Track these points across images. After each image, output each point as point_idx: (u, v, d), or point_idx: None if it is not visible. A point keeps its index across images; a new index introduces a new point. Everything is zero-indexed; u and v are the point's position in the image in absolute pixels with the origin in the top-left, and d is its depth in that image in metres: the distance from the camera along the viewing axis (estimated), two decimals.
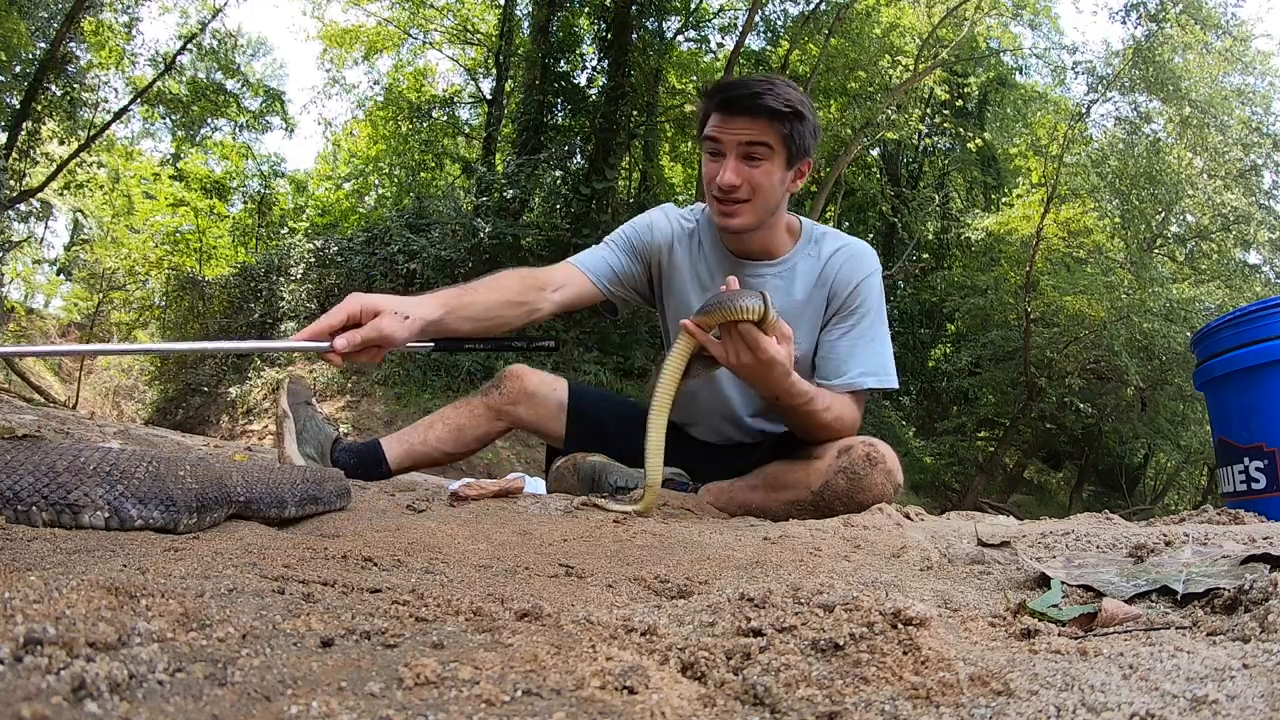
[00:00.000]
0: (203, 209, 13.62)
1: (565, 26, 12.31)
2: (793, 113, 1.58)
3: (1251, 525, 1.34)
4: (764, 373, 1.44)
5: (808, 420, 1.63)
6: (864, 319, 1.75)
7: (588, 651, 0.49)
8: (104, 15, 11.94)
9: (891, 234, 15.35)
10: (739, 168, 1.60)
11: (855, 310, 1.75)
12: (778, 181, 1.64)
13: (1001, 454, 12.19)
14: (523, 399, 1.92)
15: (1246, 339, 2.27)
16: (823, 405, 1.62)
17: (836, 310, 1.77)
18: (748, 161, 1.61)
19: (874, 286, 1.78)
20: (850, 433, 1.71)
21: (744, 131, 1.59)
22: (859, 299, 1.75)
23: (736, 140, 1.60)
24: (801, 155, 1.64)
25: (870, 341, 1.75)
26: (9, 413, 2.30)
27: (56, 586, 0.50)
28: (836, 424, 1.67)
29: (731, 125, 1.60)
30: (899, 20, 13.16)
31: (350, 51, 15.69)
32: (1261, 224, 10.75)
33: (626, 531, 1.21)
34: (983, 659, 0.52)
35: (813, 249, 1.81)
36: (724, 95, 1.61)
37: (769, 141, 1.59)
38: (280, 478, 1.09)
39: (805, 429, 1.68)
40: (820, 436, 1.69)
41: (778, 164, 1.62)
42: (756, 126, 1.58)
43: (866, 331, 1.75)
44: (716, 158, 1.64)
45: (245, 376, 9.86)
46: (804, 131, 1.61)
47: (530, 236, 10.54)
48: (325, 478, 1.21)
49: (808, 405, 1.58)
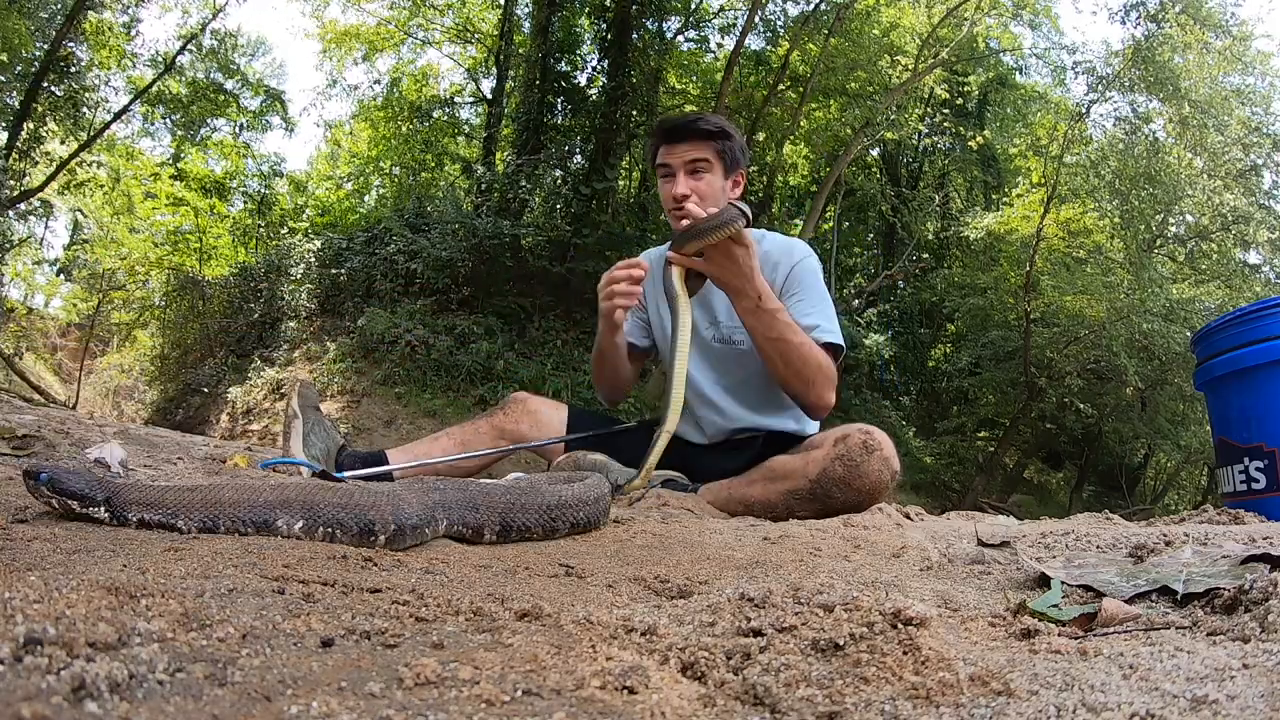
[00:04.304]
0: (203, 209, 13.62)
1: (565, 26, 12.30)
2: (721, 131, 1.95)
3: (1251, 525, 1.34)
4: (743, 276, 1.70)
5: (782, 335, 1.76)
6: (808, 293, 1.97)
7: (588, 651, 0.49)
8: (104, 15, 11.93)
9: (891, 234, 15.34)
10: (687, 181, 1.93)
11: (797, 288, 1.98)
12: (719, 189, 1.96)
13: (1001, 454, 12.18)
14: (525, 418, 2.06)
15: (1246, 339, 2.27)
16: (794, 324, 1.80)
17: (781, 292, 1.97)
18: (693, 176, 1.94)
19: (809, 269, 2.01)
20: (827, 375, 1.83)
21: (687, 152, 1.94)
22: (797, 278, 1.99)
23: (682, 160, 1.94)
24: (735, 166, 1.99)
25: (818, 311, 1.94)
26: (9, 413, 2.30)
27: (56, 586, 0.50)
28: (810, 351, 1.80)
29: (676, 149, 1.95)
30: (899, 20, 13.15)
31: (351, 52, 15.68)
32: (1261, 224, 10.74)
33: (626, 531, 1.21)
34: (983, 659, 0.52)
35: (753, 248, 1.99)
36: (667, 126, 2.00)
37: (707, 157, 1.94)
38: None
39: (784, 354, 1.78)
40: (798, 365, 1.78)
41: (717, 174, 1.96)
42: (696, 147, 1.94)
43: (815, 303, 1.96)
44: (669, 179, 1.97)
45: (245, 377, 9.85)
46: (734, 147, 1.97)
47: (530, 236, 10.54)
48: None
49: (783, 316, 1.78)
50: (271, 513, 0.93)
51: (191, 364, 11.33)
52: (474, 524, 1.07)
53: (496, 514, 1.08)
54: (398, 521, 0.97)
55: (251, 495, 0.95)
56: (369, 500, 0.97)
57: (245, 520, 0.93)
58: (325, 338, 9.86)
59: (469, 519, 1.07)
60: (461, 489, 1.09)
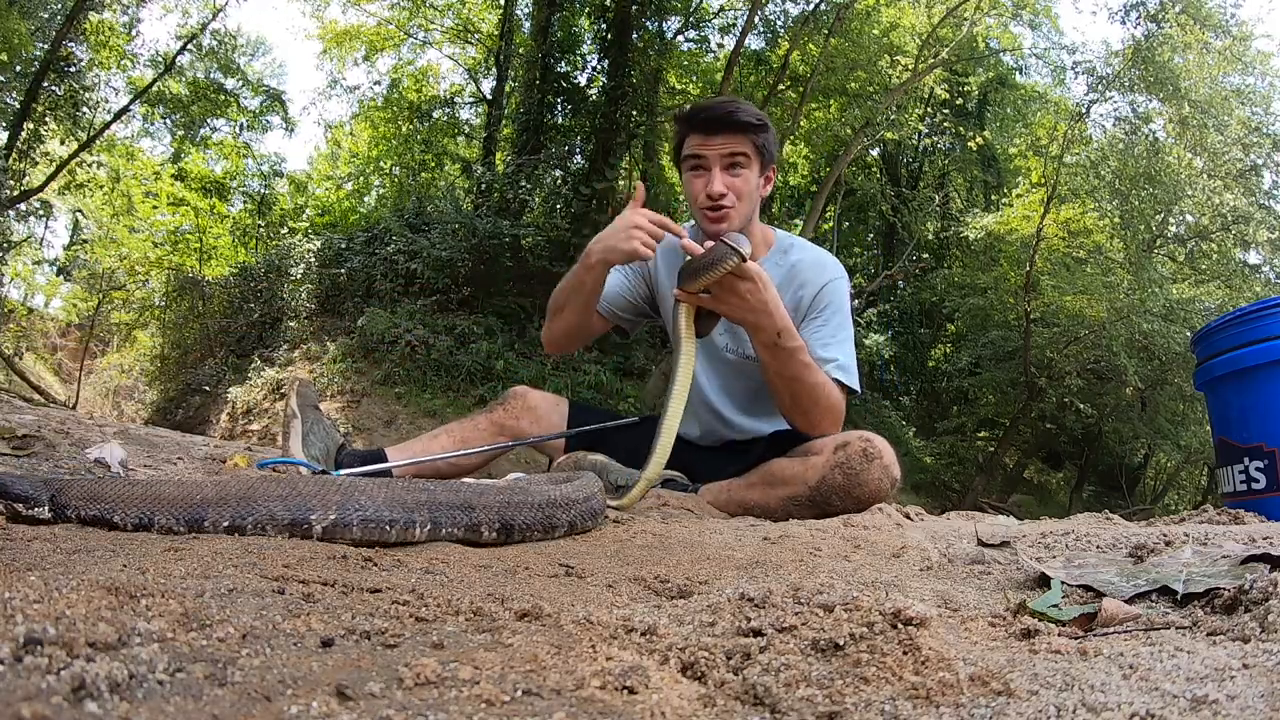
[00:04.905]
0: (203, 209, 13.62)
1: (565, 26, 12.30)
2: (761, 124, 1.78)
3: (1251, 525, 1.34)
4: (758, 312, 1.58)
5: (798, 375, 1.69)
6: (832, 318, 1.86)
7: (588, 651, 0.49)
8: (104, 15, 11.93)
9: (891, 234, 15.34)
10: (723, 178, 1.77)
11: (823, 311, 1.86)
12: (755, 187, 1.82)
13: (1001, 454, 12.18)
14: (525, 414, 2.01)
15: (1246, 339, 2.27)
16: (812, 364, 1.71)
17: (805, 313, 1.87)
18: (730, 171, 1.78)
19: (838, 290, 1.89)
20: (834, 417, 1.77)
21: (724, 145, 1.76)
22: (824, 300, 1.87)
23: (719, 154, 1.77)
24: (769, 162, 1.84)
25: (839, 341, 1.84)
26: (9, 413, 2.30)
27: (56, 586, 0.50)
28: (823, 391, 1.73)
29: (712, 141, 1.77)
30: (899, 20, 13.14)
31: (351, 53, 15.68)
32: (1261, 224, 10.74)
33: (626, 531, 1.21)
34: (983, 659, 0.52)
35: (781, 258, 1.94)
36: (703, 116, 1.79)
37: (746, 151, 1.77)
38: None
39: (794, 393, 1.72)
40: (807, 405, 1.73)
41: (754, 170, 1.81)
42: (734, 139, 1.76)
43: (836, 332, 1.85)
44: (700, 172, 1.80)
45: (245, 377, 9.85)
46: (770, 140, 1.81)
47: (530, 236, 10.53)
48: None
49: (802, 356, 1.68)
50: (205, 510, 0.92)
51: (191, 364, 11.32)
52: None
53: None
54: (338, 516, 0.94)
55: (190, 491, 0.94)
56: (310, 491, 0.95)
57: (179, 518, 0.92)
58: (325, 338, 9.86)
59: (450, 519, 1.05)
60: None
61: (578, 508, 1.17)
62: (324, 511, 0.94)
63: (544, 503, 1.12)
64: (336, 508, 0.95)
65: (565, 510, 1.14)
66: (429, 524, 1.01)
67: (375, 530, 0.96)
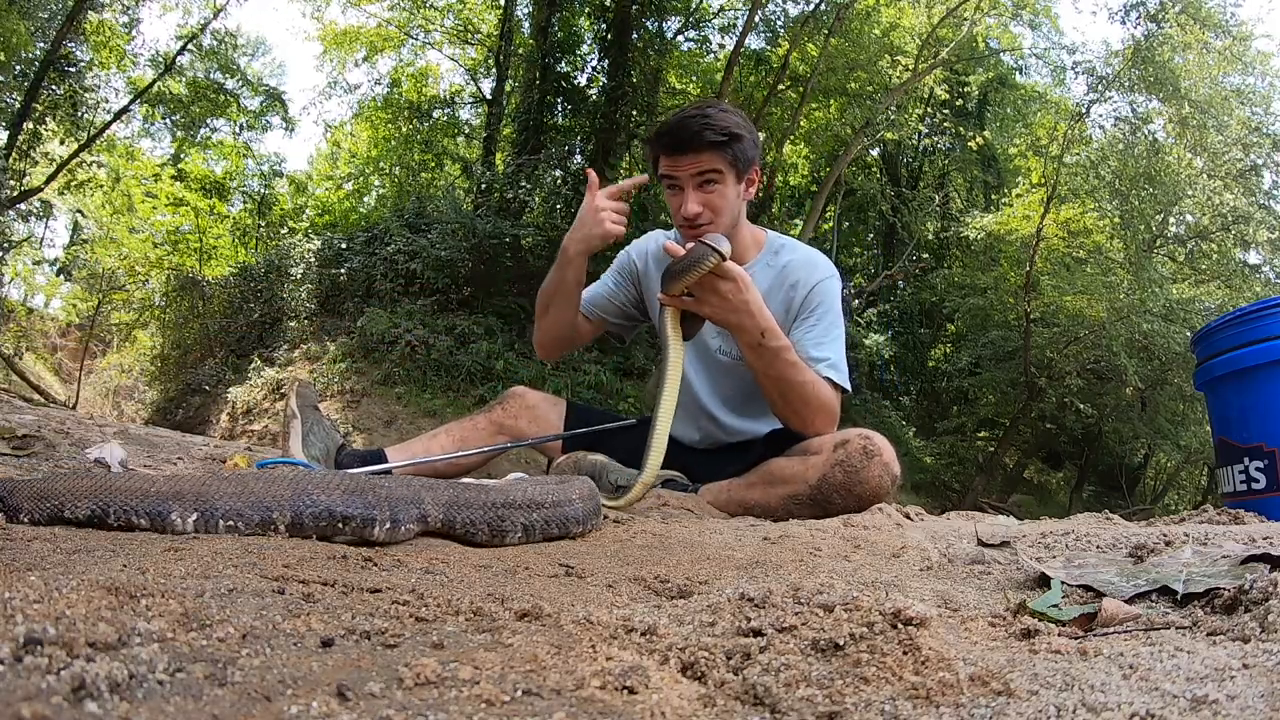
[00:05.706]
0: (203, 209, 13.62)
1: (565, 26, 12.30)
2: (730, 137, 1.73)
3: (1251, 525, 1.34)
4: (740, 312, 1.59)
5: (784, 374, 1.69)
6: (824, 318, 1.85)
7: (588, 651, 0.49)
8: (104, 15, 11.93)
9: (891, 234, 15.34)
10: (697, 196, 1.75)
11: (814, 310, 1.86)
12: (733, 198, 1.79)
13: (1001, 454, 12.18)
14: (524, 413, 2.01)
15: (1246, 339, 2.27)
16: (800, 363, 1.71)
17: (797, 313, 1.87)
18: (703, 189, 1.76)
19: (829, 290, 1.88)
20: (828, 416, 1.77)
21: (694, 165, 1.74)
22: (816, 300, 1.86)
23: (689, 174, 1.75)
24: (747, 167, 1.80)
25: (830, 341, 1.84)
26: (9, 413, 2.30)
27: (56, 586, 0.50)
28: (813, 390, 1.72)
29: (681, 162, 1.75)
30: (899, 20, 13.15)
31: (351, 53, 15.68)
32: (1261, 224, 10.74)
33: (626, 531, 1.21)
34: (983, 659, 0.52)
35: (772, 258, 1.93)
36: (668, 138, 1.76)
37: (718, 168, 1.74)
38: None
39: (784, 393, 1.72)
40: (798, 405, 1.73)
41: (729, 183, 1.77)
42: (703, 158, 1.73)
43: (828, 331, 1.85)
44: (675, 192, 1.79)
45: (245, 377, 9.85)
46: (744, 148, 1.76)
47: (530, 236, 10.53)
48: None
49: (788, 355, 1.68)
50: (165, 504, 0.91)
51: (191, 364, 11.32)
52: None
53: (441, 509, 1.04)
54: (294, 513, 0.93)
55: (145, 485, 0.92)
56: (271, 490, 0.93)
57: (138, 510, 0.90)
58: (325, 338, 9.86)
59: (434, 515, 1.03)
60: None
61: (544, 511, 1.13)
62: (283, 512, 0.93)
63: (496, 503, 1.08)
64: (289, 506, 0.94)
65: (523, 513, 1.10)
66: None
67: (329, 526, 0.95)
